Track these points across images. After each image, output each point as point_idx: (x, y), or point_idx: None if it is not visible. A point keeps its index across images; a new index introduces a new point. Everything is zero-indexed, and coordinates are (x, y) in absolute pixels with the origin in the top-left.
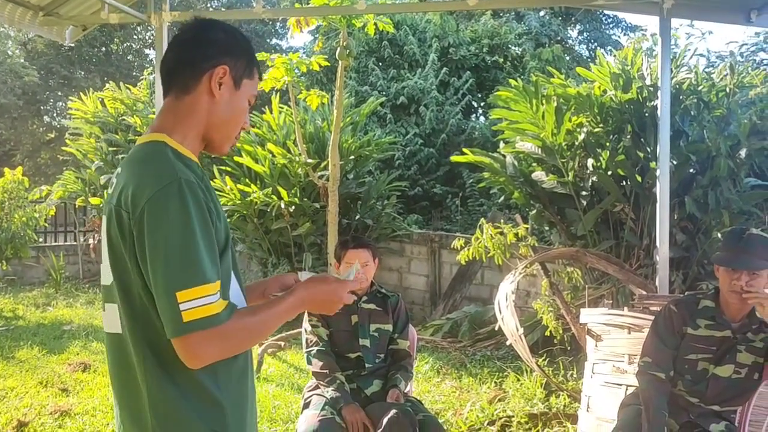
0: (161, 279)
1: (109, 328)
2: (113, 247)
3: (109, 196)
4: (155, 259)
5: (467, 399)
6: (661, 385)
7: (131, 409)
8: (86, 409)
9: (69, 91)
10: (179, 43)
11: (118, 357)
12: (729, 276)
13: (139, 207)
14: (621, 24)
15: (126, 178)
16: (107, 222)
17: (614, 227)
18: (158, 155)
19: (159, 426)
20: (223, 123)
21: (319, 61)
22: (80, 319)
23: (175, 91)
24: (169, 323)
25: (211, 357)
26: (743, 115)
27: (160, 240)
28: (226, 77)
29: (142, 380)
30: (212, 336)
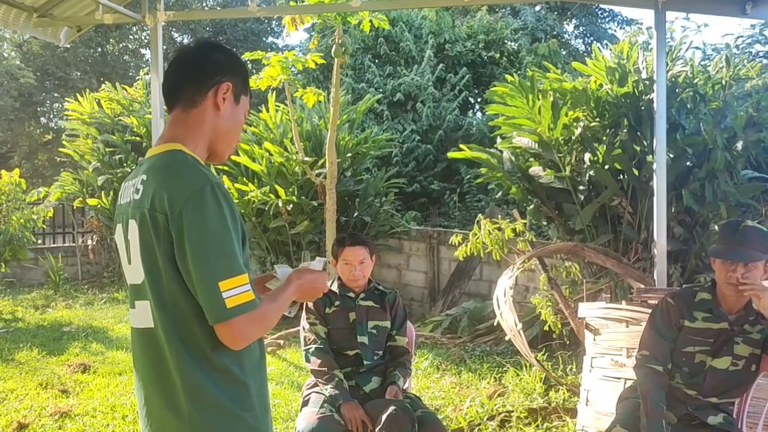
0: (204, 272)
1: (138, 323)
2: (147, 248)
3: (135, 202)
4: (197, 254)
5: (467, 394)
6: (659, 378)
7: (166, 396)
8: (86, 410)
9: (65, 93)
10: (185, 62)
11: (149, 350)
12: (725, 268)
13: (177, 209)
14: (617, 18)
15: (157, 184)
16: (140, 225)
17: (612, 221)
18: (184, 162)
19: (194, 409)
20: (226, 133)
21: (314, 59)
22: (80, 320)
23: (183, 105)
24: (213, 311)
25: (251, 337)
26: (739, 108)
27: (200, 237)
28: (228, 93)
29: (175, 369)
30: (252, 319)
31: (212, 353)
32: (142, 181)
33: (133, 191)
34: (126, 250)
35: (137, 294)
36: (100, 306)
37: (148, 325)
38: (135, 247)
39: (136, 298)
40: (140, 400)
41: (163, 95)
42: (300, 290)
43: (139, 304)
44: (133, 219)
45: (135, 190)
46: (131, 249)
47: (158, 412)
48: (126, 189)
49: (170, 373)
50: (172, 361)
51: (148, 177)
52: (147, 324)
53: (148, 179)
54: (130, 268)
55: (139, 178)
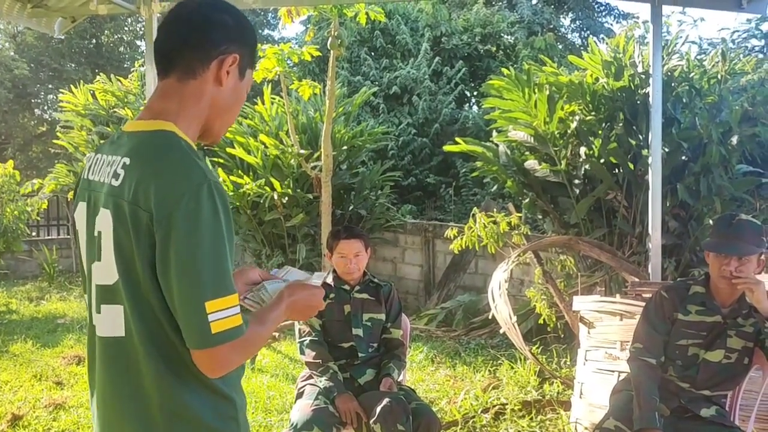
0: (189, 288)
1: (105, 331)
2: (121, 246)
3: (112, 188)
4: (184, 266)
5: (461, 387)
6: (652, 370)
7: (135, 416)
8: (81, 402)
9: (60, 84)
10: (186, 23)
11: (116, 363)
12: (719, 262)
13: (166, 210)
14: (613, 12)
15: (143, 173)
16: (115, 219)
17: (607, 215)
18: (177, 150)
19: (168, 425)
20: (225, 111)
21: (310, 52)
22: (74, 312)
23: (178, 75)
24: (194, 334)
25: (232, 366)
26: (735, 102)
27: (190, 247)
28: (234, 66)
29: (153, 384)
30: (236, 347)
31: (197, 370)
32: (124, 165)
33: (110, 172)
34: (91, 238)
35: (106, 297)
36: (93, 307)
37: (118, 334)
38: (108, 242)
39: (102, 302)
40: (97, 419)
41: (154, 59)
42: (293, 309)
43: (106, 309)
44: (107, 208)
45: (114, 174)
46: (103, 244)
47: (117, 426)
48: (99, 163)
49: (144, 388)
50: (148, 375)
51: (132, 162)
52: (116, 333)
53: (131, 164)
54: (99, 265)
55: (119, 158)
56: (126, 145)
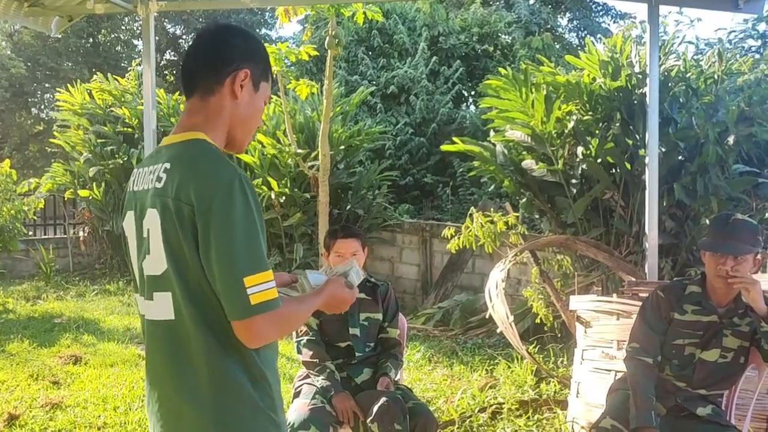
0: (229, 266)
1: (156, 315)
2: (170, 238)
3: (156, 190)
4: (224, 248)
5: (458, 387)
6: (649, 370)
7: (188, 389)
8: (77, 402)
9: (56, 83)
10: (202, 47)
11: (168, 342)
12: (715, 261)
13: (205, 201)
14: (610, 12)
15: (183, 174)
16: (162, 215)
17: (604, 215)
18: (211, 152)
19: (220, 400)
20: (244, 122)
21: (308, 51)
22: (71, 311)
23: (200, 93)
24: (235, 306)
25: (269, 337)
26: (731, 102)
27: (228, 231)
28: (246, 80)
29: (203, 359)
30: (272, 318)
31: (239, 344)
32: (165, 170)
33: (153, 179)
34: (141, 239)
35: (156, 285)
36: (92, 297)
37: (168, 317)
38: (156, 237)
39: (154, 290)
40: (152, 395)
41: (181, 82)
42: (328, 302)
43: (158, 296)
44: (154, 208)
45: (156, 178)
46: (151, 239)
47: (176, 406)
48: (141, 175)
49: (194, 364)
50: (198, 351)
51: (172, 166)
52: (167, 316)
53: (172, 168)
54: (149, 258)
55: (161, 165)
56: (165, 155)
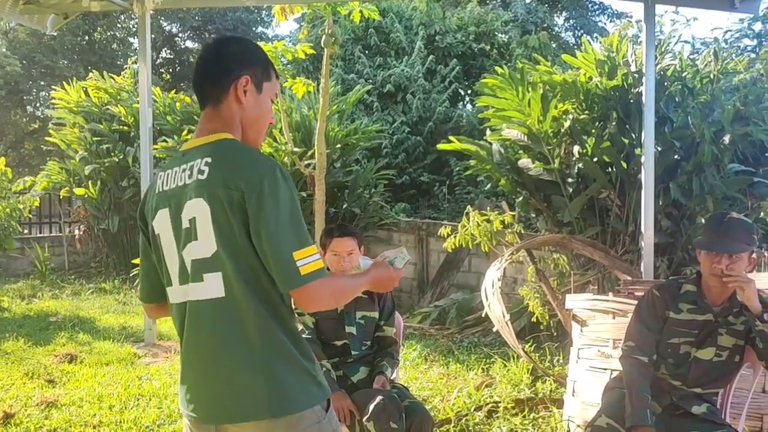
0: (279, 243)
1: (204, 295)
2: (219, 222)
3: (200, 181)
4: (273, 228)
5: (454, 385)
6: (644, 368)
7: (240, 359)
8: (73, 400)
9: (52, 81)
10: (204, 62)
11: (219, 316)
12: (710, 260)
13: (253, 188)
14: (607, 11)
15: (229, 164)
16: (210, 203)
17: (600, 214)
18: (245, 147)
19: (268, 360)
20: (254, 123)
21: (304, 49)
22: (66, 310)
23: (211, 104)
24: (288, 278)
25: (322, 302)
26: (727, 102)
27: (276, 212)
28: (248, 85)
29: (254, 327)
30: (323, 285)
31: (287, 315)
32: (207, 163)
33: (192, 173)
34: (179, 230)
35: (206, 267)
36: (87, 296)
37: (218, 295)
38: (205, 222)
39: (204, 271)
40: (195, 369)
41: (195, 93)
42: (376, 281)
43: (208, 276)
44: (199, 197)
45: (198, 171)
46: (198, 225)
47: (228, 373)
48: (170, 176)
49: (246, 333)
50: (249, 321)
51: (214, 159)
52: (217, 294)
53: (215, 161)
54: (196, 243)
55: (199, 161)
56: (197, 153)
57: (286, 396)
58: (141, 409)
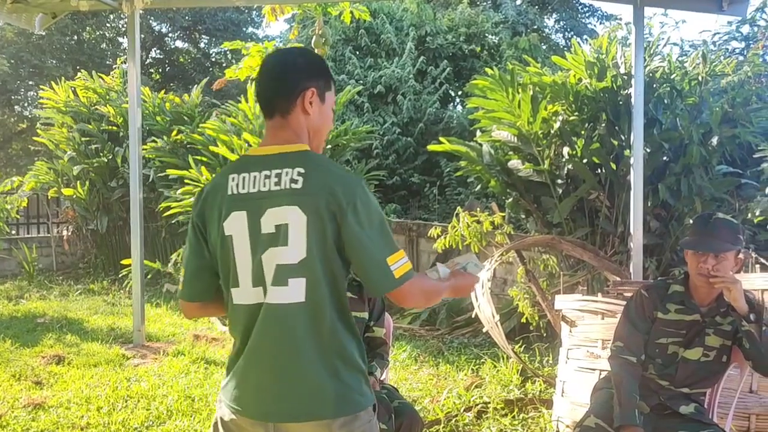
0: (375, 251)
1: (285, 299)
2: (313, 231)
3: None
4: (369, 237)
5: (444, 386)
6: (633, 368)
7: (311, 357)
8: (60, 402)
9: (40, 81)
10: (271, 75)
11: (297, 321)
12: (696, 260)
13: (348, 200)
14: (597, 13)
15: (322, 177)
16: (306, 212)
17: (589, 215)
18: (331, 161)
19: (337, 366)
20: (318, 131)
21: None
22: (54, 311)
23: (280, 114)
24: (384, 282)
25: (416, 300)
26: (715, 104)
27: (370, 222)
28: (314, 97)
29: (328, 332)
30: (414, 285)
31: (352, 320)
32: (300, 173)
33: (274, 181)
34: (258, 234)
35: (291, 272)
36: (75, 297)
37: (299, 300)
38: (298, 230)
39: (289, 276)
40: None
41: (260, 105)
42: (456, 288)
43: (293, 281)
44: (294, 206)
45: (291, 180)
46: (290, 232)
47: (298, 377)
48: (247, 180)
49: (321, 338)
50: (325, 327)
51: (307, 170)
52: (298, 299)
53: (308, 172)
54: (285, 249)
55: (290, 170)
56: (280, 162)
57: (350, 397)
58: (129, 410)
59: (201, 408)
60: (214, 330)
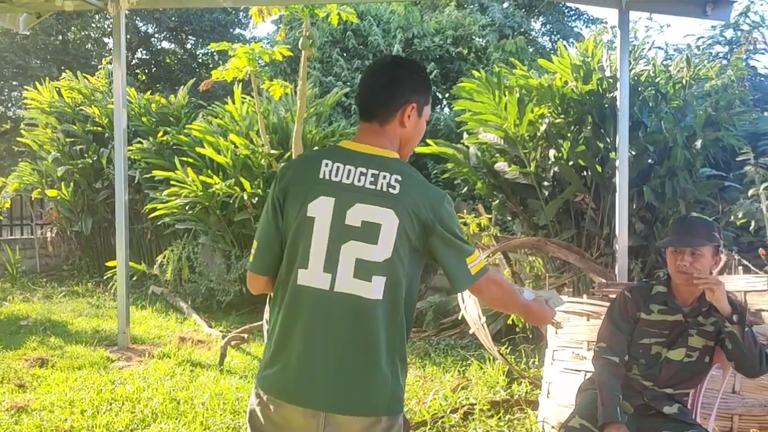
0: (458, 253)
1: (366, 294)
2: (403, 235)
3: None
4: (453, 243)
5: (431, 388)
6: (616, 368)
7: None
8: (44, 405)
9: (24, 81)
10: (378, 84)
11: (371, 317)
12: (674, 258)
13: (437, 212)
14: (583, 16)
15: (417, 190)
16: (400, 217)
17: (575, 217)
18: (419, 173)
19: (395, 366)
20: (409, 142)
21: (282, 51)
22: (37, 313)
23: (379, 121)
24: (464, 279)
25: (492, 293)
26: (699, 107)
27: (454, 230)
28: (413, 111)
29: (386, 332)
30: (488, 280)
31: (410, 327)
32: (397, 181)
33: (369, 180)
34: (342, 223)
35: (376, 270)
36: (59, 299)
37: (377, 297)
38: (389, 232)
39: (374, 274)
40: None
41: (359, 107)
42: (531, 311)
43: (376, 279)
44: (390, 209)
45: (388, 185)
46: (382, 232)
47: (360, 371)
48: (341, 170)
49: (388, 337)
50: (393, 328)
51: (404, 179)
52: (376, 296)
53: (405, 181)
54: (373, 246)
55: (386, 174)
56: (374, 162)
57: (399, 398)
58: (114, 413)
59: (186, 411)
60: (200, 332)
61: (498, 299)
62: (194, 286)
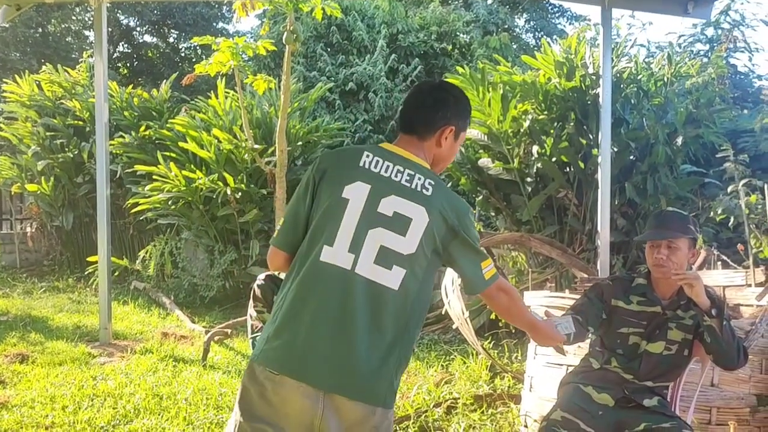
0: (475, 259)
1: (383, 281)
2: (429, 234)
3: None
4: (471, 248)
5: (414, 382)
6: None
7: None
8: (24, 401)
9: (3, 74)
10: (422, 104)
11: (385, 305)
12: (652, 251)
13: (462, 223)
14: (566, 13)
15: (446, 197)
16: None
17: (558, 212)
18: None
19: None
20: (441, 161)
21: (265, 46)
22: (17, 309)
23: (417, 136)
24: (479, 283)
25: (500, 300)
26: (680, 104)
27: (473, 238)
28: (450, 134)
29: (405, 327)
30: (499, 286)
31: (420, 328)
32: (430, 184)
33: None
34: (374, 211)
35: (398, 260)
36: (39, 295)
37: (394, 287)
38: (419, 228)
39: (396, 263)
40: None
41: (401, 120)
42: (537, 329)
43: (396, 269)
44: (422, 207)
45: (422, 186)
46: (412, 227)
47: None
48: (380, 164)
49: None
50: (404, 321)
51: (436, 185)
52: (393, 286)
53: (437, 187)
54: (402, 238)
55: (421, 176)
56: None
57: (394, 393)
58: (95, 409)
59: (169, 406)
60: (183, 328)
61: (505, 307)
62: (177, 281)
